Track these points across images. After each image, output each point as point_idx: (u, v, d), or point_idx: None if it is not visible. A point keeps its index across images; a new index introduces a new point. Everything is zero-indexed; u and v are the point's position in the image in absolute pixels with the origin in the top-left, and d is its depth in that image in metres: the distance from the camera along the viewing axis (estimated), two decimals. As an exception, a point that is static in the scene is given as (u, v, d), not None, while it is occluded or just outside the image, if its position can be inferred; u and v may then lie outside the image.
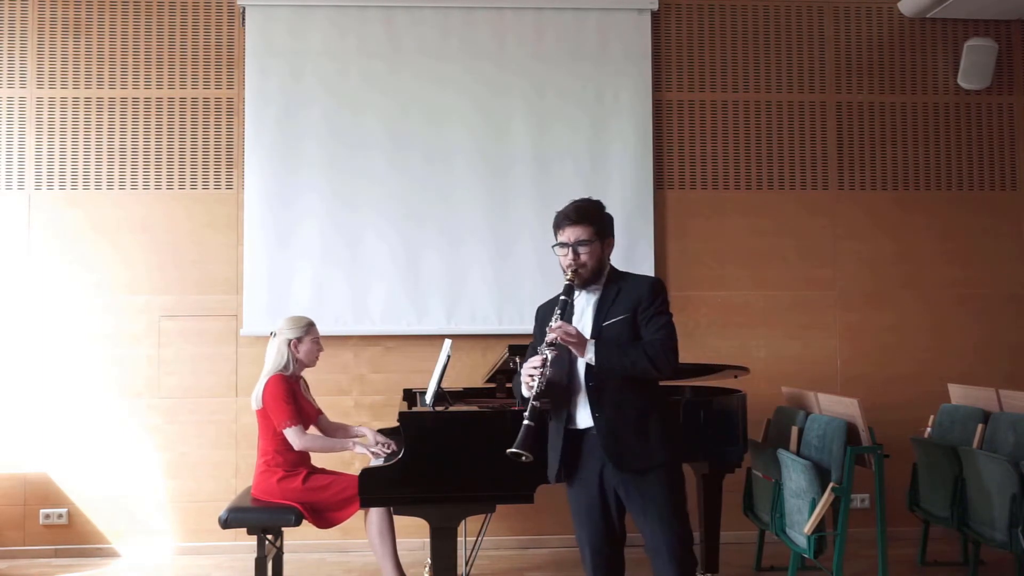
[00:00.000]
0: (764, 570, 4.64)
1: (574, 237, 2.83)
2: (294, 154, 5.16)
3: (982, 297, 5.49)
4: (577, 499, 2.90)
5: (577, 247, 2.82)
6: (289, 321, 4.08)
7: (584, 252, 2.83)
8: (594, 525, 2.86)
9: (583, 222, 2.83)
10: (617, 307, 2.82)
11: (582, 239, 2.82)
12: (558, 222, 2.88)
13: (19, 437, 5.05)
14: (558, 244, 2.86)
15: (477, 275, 5.20)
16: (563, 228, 2.86)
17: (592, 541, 2.88)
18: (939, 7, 5.35)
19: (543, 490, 3.44)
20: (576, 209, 2.86)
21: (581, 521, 2.89)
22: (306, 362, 4.08)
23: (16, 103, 5.18)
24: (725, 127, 5.45)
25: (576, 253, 2.82)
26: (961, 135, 5.56)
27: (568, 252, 2.83)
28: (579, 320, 2.88)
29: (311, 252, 5.15)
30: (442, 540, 3.42)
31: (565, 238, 2.84)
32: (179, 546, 5.07)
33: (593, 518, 2.86)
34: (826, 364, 5.39)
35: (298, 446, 3.89)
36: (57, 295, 5.12)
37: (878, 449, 3.71)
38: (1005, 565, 4.47)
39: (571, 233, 2.84)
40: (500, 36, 5.28)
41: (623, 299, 2.83)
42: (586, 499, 2.86)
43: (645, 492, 2.78)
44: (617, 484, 2.81)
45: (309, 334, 4.06)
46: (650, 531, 2.79)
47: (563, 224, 2.86)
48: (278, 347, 4.02)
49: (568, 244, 2.83)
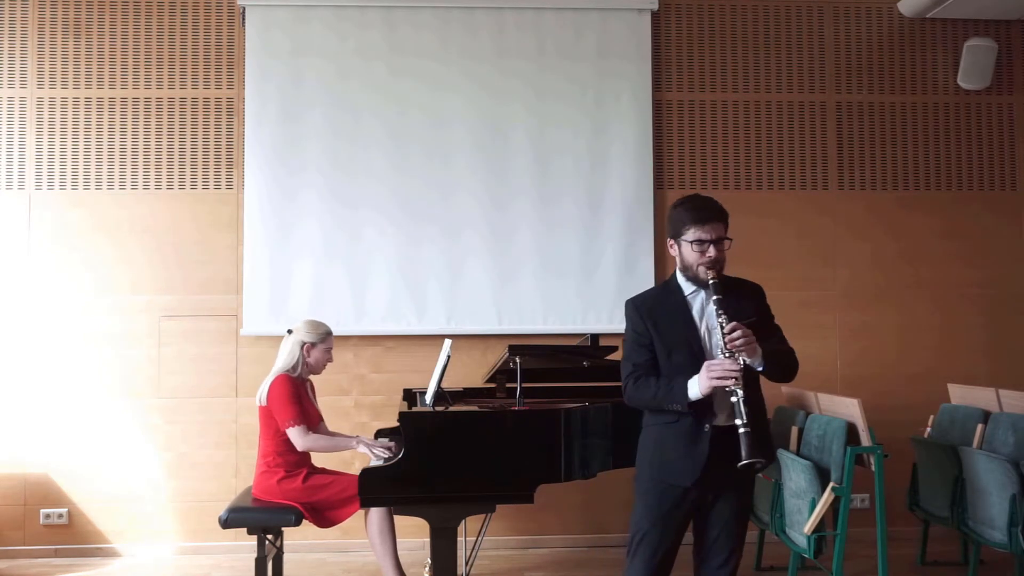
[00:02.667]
0: (764, 570, 4.65)
1: (716, 233, 2.72)
2: (294, 154, 5.16)
3: (983, 297, 5.49)
4: (677, 502, 2.78)
5: (719, 243, 2.73)
6: (308, 324, 4.09)
7: (723, 249, 2.75)
8: (677, 532, 2.80)
9: (723, 219, 2.76)
10: (742, 310, 2.71)
11: (723, 235, 2.75)
12: (698, 216, 2.73)
13: (20, 437, 5.05)
14: (695, 240, 2.72)
15: (477, 275, 5.20)
16: (708, 223, 2.72)
17: (672, 546, 2.80)
18: (939, 7, 5.35)
19: (543, 490, 3.44)
20: (715, 205, 2.76)
21: (671, 525, 2.78)
22: (314, 368, 4.09)
23: (16, 103, 5.18)
24: (725, 127, 5.45)
25: (719, 248, 2.73)
26: (961, 135, 5.56)
27: (709, 248, 2.71)
28: (701, 321, 2.78)
29: (311, 252, 5.15)
30: (442, 540, 3.42)
31: (707, 234, 2.71)
32: (179, 546, 5.07)
33: (680, 523, 2.80)
34: (826, 364, 5.39)
35: (301, 446, 3.90)
36: (57, 295, 5.12)
37: (878, 449, 3.71)
38: (1005, 565, 4.47)
39: (714, 229, 2.72)
40: (500, 36, 5.28)
41: (743, 303, 2.75)
42: (686, 503, 2.77)
43: (741, 497, 2.80)
44: (720, 486, 2.76)
45: (324, 342, 4.07)
46: (724, 536, 2.77)
47: (707, 219, 2.72)
48: (291, 347, 4.04)
49: (709, 240, 2.71)
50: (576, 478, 3.55)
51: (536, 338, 5.14)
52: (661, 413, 2.78)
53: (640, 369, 2.79)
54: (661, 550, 2.79)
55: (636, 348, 2.81)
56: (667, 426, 2.77)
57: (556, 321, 5.20)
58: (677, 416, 2.73)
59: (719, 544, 2.79)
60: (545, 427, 3.46)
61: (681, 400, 2.67)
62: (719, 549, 2.79)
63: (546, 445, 3.45)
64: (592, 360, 4.21)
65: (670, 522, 2.79)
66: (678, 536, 2.83)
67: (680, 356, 2.75)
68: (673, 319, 2.77)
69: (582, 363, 4.24)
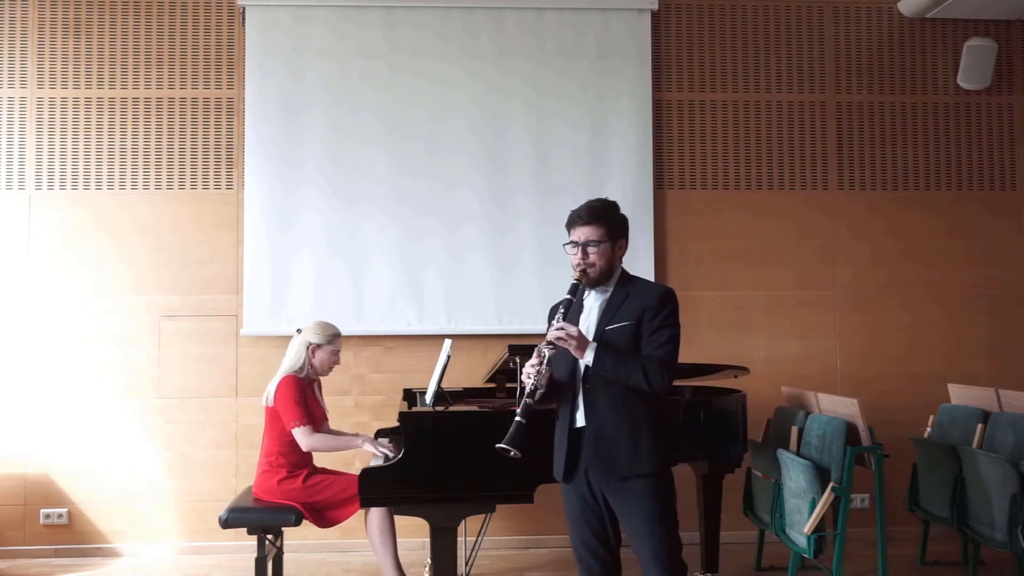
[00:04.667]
0: (764, 570, 4.65)
1: (584, 236, 2.82)
2: (294, 154, 5.16)
3: (984, 297, 5.49)
4: (569, 499, 2.89)
5: (587, 247, 2.82)
6: (316, 325, 4.09)
7: (594, 252, 2.82)
8: (586, 526, 2.86)
9: (595, 222, 2.83)
10: (623, 312, 2.81)
11: (592, 239, 2.82)
12: (571, 220, 2.87)
13: (20, 437, 5.05)
14: (569, 242, 2.86)
15: (477, 276, 5.20)
16: (575, 227, 2.85)
17: (583, 541, 2.87)
18: (939, 7, 5.35)
19: (543, 490, 3.44)
20: (589, 209, 2.85)
21: (573, 521, 2.89)
22: (319, 370, 4.09)
23: (16, 103, 5.18)
24: (725, 127, 5.45)
25: (585, 252, 2.82)
26: (961, 135, 5.56)
27: (578, 251, 2.83)
28: (585, 321, 2.88)
29: (312, 251, 5.15)
30: (442, 540, 3.42)
31: (576, 237, 2.84)
32: (179, 546, 5.07)
33: (587, 518, 2.85)
34: (826, 364, 5.39)
35: (305, 446, 3.90)
36: (57, 295, 5.12)
37: (878, 449, 3.72)
38: (1005, 565, 4.47)
39: (582, 232, 2.83)
40: (500, 36, 5.28)
41: (630, 305, 2.82)
42: (578, 500, 2.86)
43: (630, 498, 2.77)
44: (604, 487, 2.81)
45: (330, 344, 4.07)
46: (634, 536, 2.79)
47: (575, 223, 2.85)
48: (297, 347, 4.05)
49: (578, 243, 2.83)
50: (576, 478, 3.54)
51: (536, 338, 5.09)
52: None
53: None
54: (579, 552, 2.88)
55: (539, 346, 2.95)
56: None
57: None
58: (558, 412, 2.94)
59: (638, 544, 2.79)
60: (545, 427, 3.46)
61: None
62: (640, 549, 2.79)
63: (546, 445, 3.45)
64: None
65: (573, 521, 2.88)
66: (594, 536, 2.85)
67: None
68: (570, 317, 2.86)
69: (582, 363, 4.23)
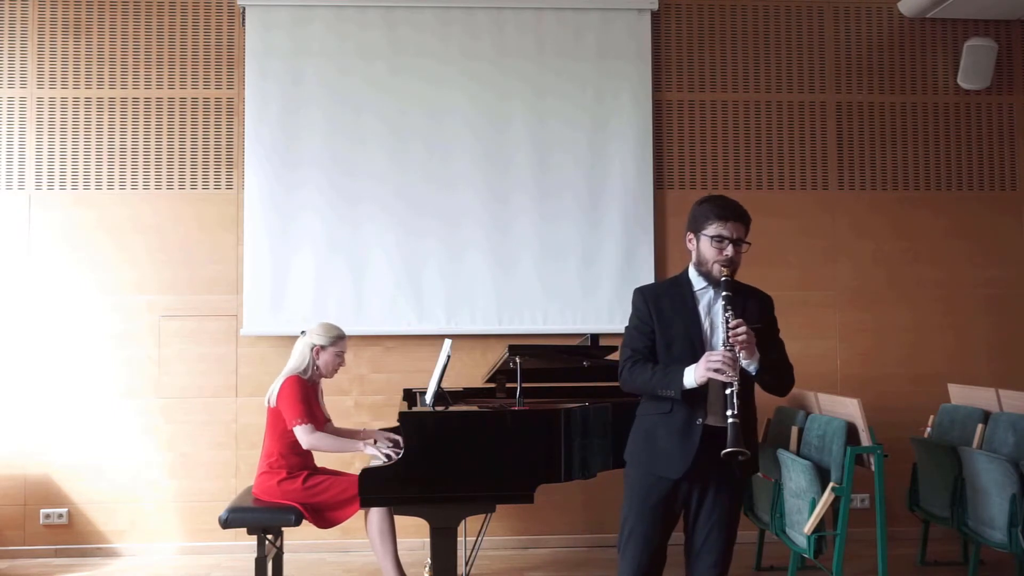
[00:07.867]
0: (764, 570, 4.64)
1: (737, 233, 2.75)
2: (294, 154, 5.16)
3: (985, 297, 5.49)
4: (661, 494, 2.79)
5: (738, 244, 2.76)
6: (321, 327, 4.09)
7: (740, 251, 2.78)
8: (664, 523, 2.82)
9: (745, 222, 2.79)
10: (748, 315, 2.74)
11: (743, 238, 2.77)
12: (723, 214, 2.76)
13: (20, 437, 5.05)
14: (716, 236, 2.75)
15: (478, 275, 5.19)
16: (730, 221, 2.75)
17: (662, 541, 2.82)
18: (939, 7, 5.35)
19: (543, 490, 3.44)
20: (741, 207, 2.79)
21: (657, 516, 2.79)
22: (323, 372, 4.09)
23: (16, 103, 5.18)
24: (725, 127, 5.45)
25: (737, 249, 2.76)
26: (961, 135, 5.56)
27: (728, 246, 2.74)
28: (705, 317, 2.80)
29: (312, 251, 5.14)
30: (442, 540, 3.42)
31: (728, 232, 2.74)
32: (179, 546, 5.07)
33: (674, 514, 2.83)
34: (826, 364, 5.39)
35: (306, 444, 3.90)
36: (57, 295, 5.12)
37: (878, 449, 3.71)
38: (1005, 565, 4.48)
39: (735, 229, 2.75)
40: (500, 36, 5.28)
41: (752, 309, 2.78)
42: (673, 496, 2.79)
43: (732, 497, 2.79)
44: (708, 484, 2.77)
45: (335, 346, 4.07)
46: (715, 536, 2.78)
47: (729, 217, 2.75)
48: (302, 349, 4.05)
49: (730, 239, 2.74)
50: (576, 478, 3.55)
51: (536, 338, 5.14)
52: (655, 402, 2.80)
53: (638, 355, 2.82)
54: (651, 546, 2.80)
55: (637, 335, 2.85)
56: (660, 417, 2.79)
57: (556, 321, 5.20)
58: (671, 407, 2.75)
59: (709, 544, 2.79)
60: (545, 427, 3.46)
61: (675, 386, 2.69)
62: (710, 549, 2.79)
63: (546, 445, 3.45)
64: (592, 360, 4.21)
65: (657, 515, 2.80)
66: (666, 531, 2.84)
67: (680, 349, 2.77)
68: (678, 311, 2.79)
69: (582, 363, 4.24)
